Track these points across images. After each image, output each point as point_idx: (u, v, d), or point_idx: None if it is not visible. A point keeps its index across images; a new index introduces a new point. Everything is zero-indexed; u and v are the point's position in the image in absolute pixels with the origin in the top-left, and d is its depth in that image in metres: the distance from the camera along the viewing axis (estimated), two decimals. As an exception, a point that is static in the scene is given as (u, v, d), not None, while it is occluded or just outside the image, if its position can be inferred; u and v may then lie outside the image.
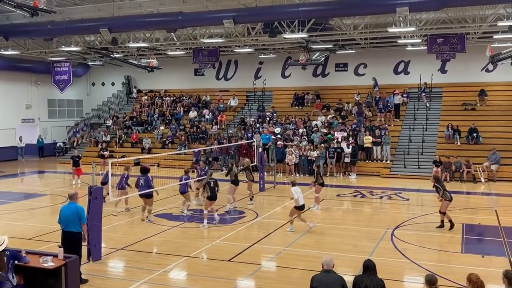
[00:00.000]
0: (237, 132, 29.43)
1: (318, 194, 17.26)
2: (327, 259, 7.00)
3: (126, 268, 11.01)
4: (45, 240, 12.99)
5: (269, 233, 13.92)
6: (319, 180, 17.12)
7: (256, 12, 19.68)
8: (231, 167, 17.84)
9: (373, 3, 18.20)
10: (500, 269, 7.27)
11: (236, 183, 17.20)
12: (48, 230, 14.03)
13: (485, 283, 6.50)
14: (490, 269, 10.12)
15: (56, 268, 7.98)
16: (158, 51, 31.01)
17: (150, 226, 14.80)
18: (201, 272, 10.66)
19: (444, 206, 13.98)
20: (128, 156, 26.19)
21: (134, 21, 21.67)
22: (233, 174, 17.22)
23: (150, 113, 34.86)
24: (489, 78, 28.97)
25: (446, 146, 25.65)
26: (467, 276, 6.48)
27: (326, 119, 29.28)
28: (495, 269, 9.68)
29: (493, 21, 20.80)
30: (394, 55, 30.92)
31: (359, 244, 12.79)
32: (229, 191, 17.11)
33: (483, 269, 9.95)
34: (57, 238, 12.77)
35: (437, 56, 24.30)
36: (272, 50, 32.07)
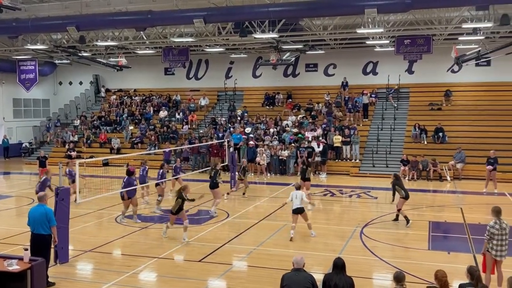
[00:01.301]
0: (208, 132, 29.33)
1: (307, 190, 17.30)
2: (297, 258, 7.04)
3: (95, 270, 10.82)
4: (10, 243, 12.65)
5: (240, 233, 13.91)
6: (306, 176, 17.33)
7: (226, 11, 19.63)
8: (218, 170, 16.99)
9: (342, 4, 18.40)
10: (465, 265, 7.46)
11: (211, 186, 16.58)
12: (14, 233, 13.68)
13: (452, 279, 6.67)
14: (456, 265, 10.37)
15: (21, 271, 7.78)
16: (127, 49, 30.61)
17: (119, 227, 14.60)
18: (171, 273, 10.57)
19: (401, 204, 14.64)
20: (96, 156, 25.83)
21: (103, 19, 21.30)
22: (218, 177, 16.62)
23: (119, 113, 34.38)
24: (455, 78, 29.70)
25: (413, 145, 26.17)
26: (435, 273, 6.65)
27: (297, 119, 29.48)
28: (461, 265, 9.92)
29: (458, 23, 21.32)
30: (363, 56, 31.37)
31: (329, 243, 12.93)
32: (217, 195, 16.45)
33: (449, 266, 10.19)
34: (23, 241, 12.48)
35: (405, 57, 24.79)
36: (243, 50, 32.07)
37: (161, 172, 17.06)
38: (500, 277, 9.02)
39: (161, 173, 17.02)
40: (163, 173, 17.15)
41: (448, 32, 23.64)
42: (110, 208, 17.01)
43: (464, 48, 25.61)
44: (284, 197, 17.93)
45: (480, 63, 26.52)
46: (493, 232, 8.94)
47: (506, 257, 9.05)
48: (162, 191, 17.05)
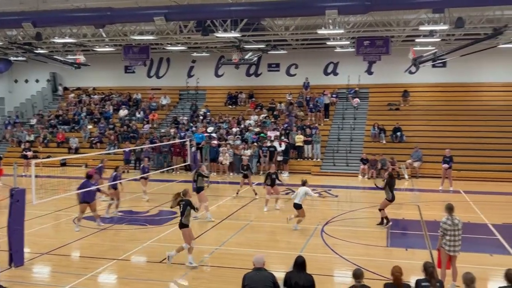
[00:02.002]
0: (170, 131, 29.05)
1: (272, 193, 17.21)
2: (258, 257, 7.07)
3: (51, 273, 10.55)
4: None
5: (202, 232, 13.83)
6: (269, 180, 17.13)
7: (188, 10, 19.43)
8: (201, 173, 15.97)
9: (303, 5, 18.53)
10: (422, 261, 7.66)
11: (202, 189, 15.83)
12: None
13: (409, 275, 6.87)
14: (413, 262, 10.63)
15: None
16: (85, 47, 29.89)
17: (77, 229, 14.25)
18: (132, 275, 10.41)
19: (383, 204, 14.41)
20: (53, 156, 25.15)
21: (60, 16, 20.67)
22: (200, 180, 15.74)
23: (77, 112, 33.55)
24: (412, 79, 30.45)
25: (372, 145, 26.72)
26: (391, 269, 6.81)
27: (259, 118, 29.58)
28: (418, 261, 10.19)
29: (416, 25, 21.88)
30: (324, 56, 31.76)
31: (291, 241, 13.03)
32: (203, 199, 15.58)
33: (407, 262, 10.44)
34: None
35: (364, 58, 25.23)
36: (205, 49, 31.88)
37: (114, 174, 15.97)
38: (455, 272, 9.32)
39: (115, 176, 15.92)
40: (117, 176, 16.02)
41: (406, 34, 24.24)
42: (67, 209, 16.58)
43: (421, 49, 26.30)
44: (247, 196, 18.01)
45: (436, 64, 27.28)
46: (446, 228, 9.26)
47: (459, 253, 9.36)
48: (116, 195, 15.99)
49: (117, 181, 15.99)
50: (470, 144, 25.45)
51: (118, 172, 16.29)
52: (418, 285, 6.79)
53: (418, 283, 6.81)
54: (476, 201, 18.30)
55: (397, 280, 6.62)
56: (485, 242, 13.15)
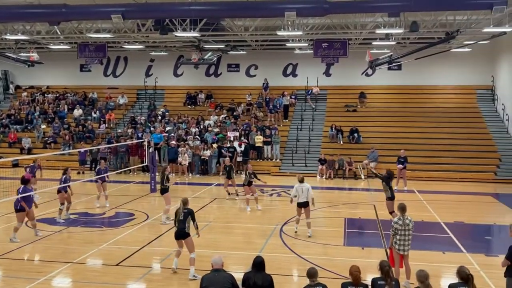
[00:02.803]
0: (127, 131, 28.54)
1: (251, 193, 17.17)
2: (215, 258, 7.04)
3: (3, 278, 10.14)
4: None
5: (160, 234, 13.66)
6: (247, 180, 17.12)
7: (146, 8, 19.15)
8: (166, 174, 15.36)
9: (262, 7, 18.60)
10: (378, 259, 7.82)
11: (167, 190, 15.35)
12: None
13: (365, 273, 6.99)
14: (370, 260, 10.85)
15: None
16: (39, 44, 28.94)
17: (29, 232, 13.76)
18: (87, 278, 10.16)
19: (389, 206, 13.98)
20: (6, 157, 24.26)
21: (12, 11, 19.92)
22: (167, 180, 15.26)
23: (30, 111, 32.46)
24: (368, 81, 31.11)
25: (330, 145, 27.11)
26: (349, 268, 6.91)
27: (219, 118, 29.49)
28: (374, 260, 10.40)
29: (372, 28, 22.36)
30: (283, 58, 32.02)
31: (250, 241, 13.06)
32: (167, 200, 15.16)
33: (363, 260, 10.65)
34: None
35: (322, 60, 25.52)
36: (163, 48, 31.51)
37: (64, 178, 15.24)
38: (408, 270, 9.58)
39: (64, 179, 15.21)
40: (67, 179, 15.30)
41: (363, 37, 24.75)
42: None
43: (378, 52, 26.91)
44: (206, 197, 17.89)
45: (392, 67, 28.01)
46: (397, 227, 9.50)
47: (409, 251, 9.60)
48: (65, 199, 15.27)
49: (67, 183, 15.29)
50: (424, 145, 26.24)
51: (67, 174, 15.48)
52: (374, 284, 6.92)
53: (374, 282, 6.94)
54: (429, 200, 18.87)
55: (356, 279, 6.70)
56: (438, 240, 13.57)
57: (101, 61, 28.01)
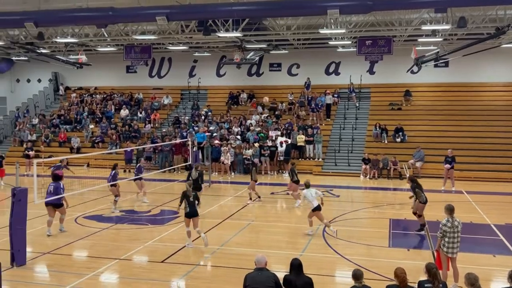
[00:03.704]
0: (172, 131, 29.06)
1: (295, 191, 17.33)
2: (259, 257, 7.05)
3: (53, 273, 10.54)
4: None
5: (204, 232, 13.80)
6: (294, 178, 17.27)
7: (189, 10, 19.44)
8: (190, 171, 16.16)
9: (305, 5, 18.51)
10: (425, 261, 7.66)
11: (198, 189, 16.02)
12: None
13: (411, 275, 6.83)
14: (415, 262, 10.63)
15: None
16: (87, 47, 29.91)
17: (79, 228, 14.27)
18: (134, 274, 10.41)
19: (419, 209, 13.65)
20: (55, 156, 25.14)
21: (62, 15, 20.69)
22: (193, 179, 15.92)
23: (79, 111, 33.58)
24: (414, 79, 30.39)
25: (374, 145, 26.68)
26: (394, 270, 6.76)
27: (261, 118, 29.57)
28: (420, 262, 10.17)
29: (418, 25, 21.85)
30: (326, 56, 31.74)
31: (292, 241, 13.01)
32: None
33: (409, 262, 10.44)
34: (-24, 244, 12.05)
35: (366, 58, 25.22)
36: (206, 49, 31.89)
37: (113, 173, 16.42)
38: (456, 273, 9.30)
39: (113, 174, 16.40)
40: (115, 174, 16.48)
41: (408, 33, 24.20)
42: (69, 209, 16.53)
43: (424, 49, 26.29)
44: (248, 196, 17.97)
45: (439, 64, 27.25)
46: (445, 230, 9.21)
47: (457, 254, 9.31)
48: (116, 191, 16.47)
49: (116, 179, 16.32)
50: (472, 144, 25.42)
51: (116, 170, 16.64)
52: (421, 287, 6.74)
53: (421, 284, 6.77)
54: (479, 202, 18.26)
55: (403, 281, 6.53)
56: (488, 242, 13.12)
57: (146, 62, 28.71)
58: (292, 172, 17.60)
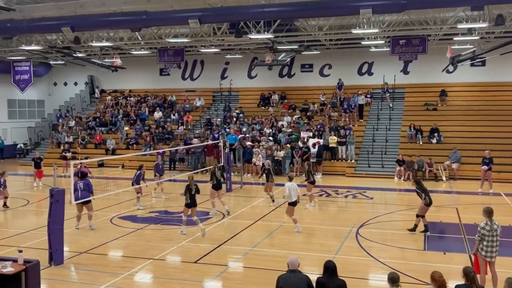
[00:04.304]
0: (204, 133, 29.31)
1: (310, 192, 17.39)
2: (292, 259, 7.01)
3: (89, 272, 10.76)
4: (5, 244, 12.56)
5: (236, 233, 13.88)
6: (310, 179, 17.26)
7: (221, 12, 19.60)
8: (214, 170, 16.51)
9: (337, 5, 18.40)
10: (461, 265, 7.46)
11: (217, 187, 16.26)
12: (8, 235, 13.63)
13: (448, 279, 6.65)
14: (452, 266, 10.38)
15: (15, 273, 7.72)
16: (122, 50, 30.52)
17: (114, 228, 14.54)
18: (167, 274, 10.53)
19: (422, 210, 13.63)
20: (91, 157, 25.73)
21: (97, 20, 21.22)
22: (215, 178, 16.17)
23: (114, 114, 34.27)
24: (450, 79, 29.75)
25: (408, 146, 26.21)
26: (431, 274, 6.61)
27: (292, 119, 29.49)
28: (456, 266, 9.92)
29: (453, 23, 21.38)
30: (358, 56, 31.42)
31: (325, 243, 12.91)
32: (211, 195, 16.32)
33: (445, 266, 10.20)
34: (17, 243, 12.44)
35: (400, 57, 24.82)
36: (238, 51, 32.05)
37: (138, 173, 17.19)
38: (495, 277, 9.02)
39: (138, 175, 17.16)
40: (140, 174, 17.17)
41: (443, 32, 23.71)
42: (105, 209, 16.95)
43: (459, 48, 25.69)
44: (279, 197, 17.97)
45: (475, 63, 26.60)
46: (484, 233, 8.93)
47: (496, 258, 9.04)
48: (139, 190, 17.32)
49: (140, 179, 17.09)
50: (510, 145, 24.66)
51: (142, 170, 17.31)
52: (458, 291, 6.59)
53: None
54: (518, 204, 17.71)
55: (442, 285, 6.37)
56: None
57: (179, 65, 29.05)
58: (309, 173, 17.49)
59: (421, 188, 13.72)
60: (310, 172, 17.59)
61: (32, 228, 14.32)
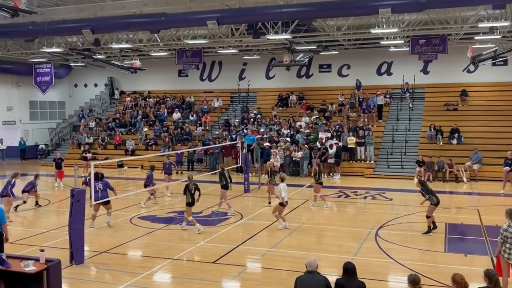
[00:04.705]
0: (222, 133, 29.40)
1: (317, 193, 17.35)
2: (310, 260, 6.97)
3: (109, 271, 10.88)
4: (27, 243, 12.78)
5: (254, 234, 13.88)
6: (320, 179, 17.21)
7: (239, 13, 19.65)
8: (222, 171, 16.80)
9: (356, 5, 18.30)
10: (483, 267, 7.35)
11: (226, 187, 16.52)
12: (30, 234, 13.85)
13: (469, 281, 6.55)
14: (473, 268, 10.22)
15: (37, 272, 7.84)
16: (141, 52, 30.81)
17: (134, 228, 14.68)
18: (186, 274, 10.59)
19: (430, 210, 13.65)
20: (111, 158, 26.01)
21: (117, 22, 21.46)
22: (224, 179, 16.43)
23: (133, 115, 34.61)
24: (471, 78, 29.35)
25: (428, 146, 25.92)
26: (452, 276, 6.51)
27: (310, 120, 29.39)
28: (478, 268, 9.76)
29: (474, 22, 21.08)
30: (377, 56, 31.18)
31: (344, 245, 12.83)
32: (221, 195, 16.56)
33: (466, 268, 10.04)
34: (39, 242, 12.64)
35: (420, 57, 24.58)
36: (256, 51, 32.08)
37: (150, 173, 17.89)
38: (518, 280, 8.86)
39: (149, 175, 17.82)
40: (151, 175, 17.88)
41: (464, 31, 23.40)
42: (125, 209, 17.13)
43: (481, 47, 25.30)
44: (298, 198, 17.93)
45: (497, 62, 26.19)
46: (507, 235, 8.76)
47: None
48: (152, 191, 17.84)
49: (150, 179, 17.78)
50: (534, 146, 24.20)
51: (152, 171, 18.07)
52: (480, 294, 6.48)
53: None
54: (541, 206, 17.34)
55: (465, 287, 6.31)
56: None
57: (197, 66, 29.21)
58: (319, 174, 17.37)
59: (425, 189, 13.75)
60: (320, 173, 17.48)
61: (53, 228, 14.54)
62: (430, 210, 13.65)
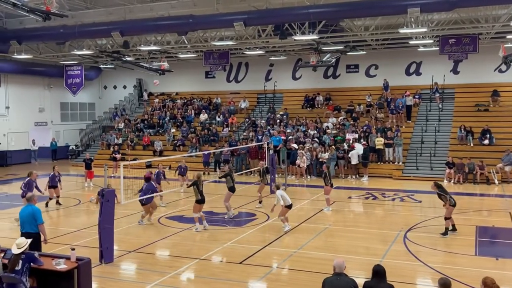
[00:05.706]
0: (249, 134, 29.48)
1: (328, 195, 17.20)
2: (338, 262, 6.93)
3: (138, 271, 11.04)
4: (58, 242, 13.06)
5: (280, 235, 13.87)
6: (329, 182, 17.09)
7: (266, 14, 19.69)
8: (229, 172, 16.55)
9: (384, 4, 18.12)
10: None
11: (233, 190, 16.27)
12: (61, 233, 14.15)
13: (500, 286, 6.40)
14: (505, 272, 10.00)
15: (68, 270, 8.02)
16: (169, 54, 31.17)
17: (162, 228, 14.86)
18: (213, 274, 10.66)
19: (449, 211, 13.53)
20: (140, 158, 26.37)
21: (146, 24, 21.79)
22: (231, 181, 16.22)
23: (161, 116, 35.02)
24: (502, 78, 28.66)
25: (459, 148, 25.41)
26: (482, 280, 6.37)
27: (337, 120, 29.19)
28: (510, 272, 9.55)
29: (506, 21, 20.60)
30: (406, 56, 30.75)
31: (371, 247, 12.70)
32: (225, 198, 16.24)
33: (497, 272, 9.84)
34: (70, 241, 12.92)
35: (449, 57, 24.15)
36: (282, 52, 32.06)
37: (157, 172, 18.44)
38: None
39: (157, 173, 18.32)
40: (160, 173, 18.46)
41: (496, 30, 22.88)
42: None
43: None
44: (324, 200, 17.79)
45: (530, 62, 25.50)
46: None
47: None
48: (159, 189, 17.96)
49: (160, 177, 18.32)
50: None
51: (160, 169, 18.70)
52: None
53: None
54: None
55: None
56: None
57: (224, 68, 29.40)
58: (328, 176, 17.15)
59: (443, 191, 13.71)
60: (329, 175, 17.25)
61: (84, 227, 14.83)
62: (449, 211, 13.55)
